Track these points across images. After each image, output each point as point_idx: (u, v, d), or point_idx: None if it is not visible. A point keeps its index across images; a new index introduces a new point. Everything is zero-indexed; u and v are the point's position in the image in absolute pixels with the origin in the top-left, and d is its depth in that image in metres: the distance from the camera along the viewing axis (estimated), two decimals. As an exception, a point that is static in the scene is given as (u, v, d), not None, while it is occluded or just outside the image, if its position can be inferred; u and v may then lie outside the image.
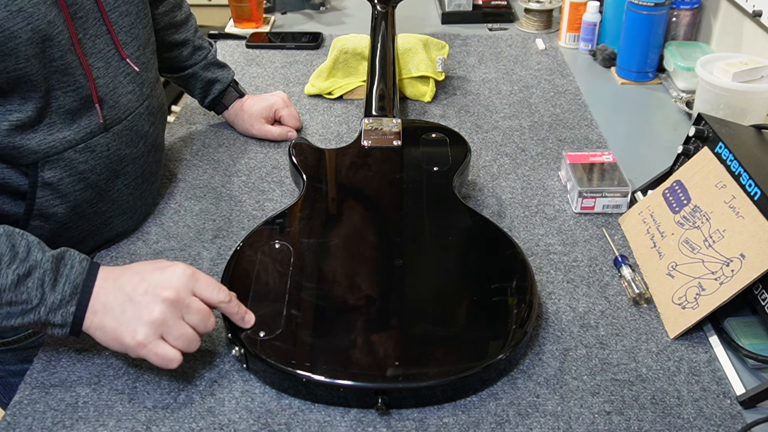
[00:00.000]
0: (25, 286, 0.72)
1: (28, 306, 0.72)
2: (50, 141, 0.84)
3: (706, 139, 0.96)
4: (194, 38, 1.18)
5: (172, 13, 1.14)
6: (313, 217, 0.94)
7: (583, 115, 1.31)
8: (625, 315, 0.87)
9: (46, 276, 0.73)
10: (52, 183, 0.86)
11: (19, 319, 0.72)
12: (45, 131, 0.83)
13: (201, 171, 1.15)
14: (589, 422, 0.73)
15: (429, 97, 1.36)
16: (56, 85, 0.83)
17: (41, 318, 0.73)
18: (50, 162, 0.85)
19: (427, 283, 0.85)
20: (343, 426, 0.73)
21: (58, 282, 0.73)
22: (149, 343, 0.72)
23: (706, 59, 1.18)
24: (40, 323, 0.73)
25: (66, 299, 0.73)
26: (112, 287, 0.75)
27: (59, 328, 0.74)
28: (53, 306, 0.73)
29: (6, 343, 0.96)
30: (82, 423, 0.74)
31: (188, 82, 1.21)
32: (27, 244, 0.74)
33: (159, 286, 0.74)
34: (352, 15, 1.80)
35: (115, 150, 0.91)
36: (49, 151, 0.84)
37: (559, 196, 1.08)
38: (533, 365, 0.80)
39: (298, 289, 0.83)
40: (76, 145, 0.86)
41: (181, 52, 1.17)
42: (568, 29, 1.59)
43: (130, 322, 0.73)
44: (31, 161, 0.83)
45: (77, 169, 0.88)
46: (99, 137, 0.89)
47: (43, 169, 0.84)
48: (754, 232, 0.81)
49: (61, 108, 0.84)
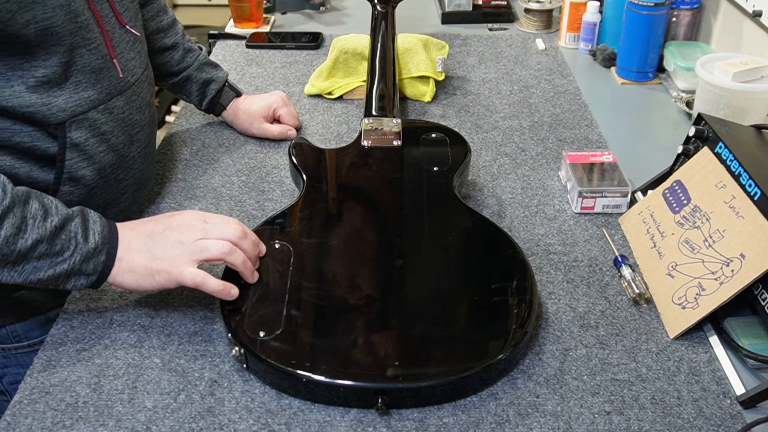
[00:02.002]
0: (59, 238, 0.77)
1: (61, 257, 0.77)
2: (76, 99, 0.87)
3: (706, 139, 0.96)
4: (183, 41, 1.19)
5: (158, 18, 1.14)
6: (313, 217, 0.94)
7: (583, 115, 1.31)
8: (625, 315, 0.87)
9: (79, 228, 0.78)
10: (79, 144, 0.89)
11: (48, 271, 0.77)
12: (71, 89, 0.86)
13: (201, 171, 1.15)
14: (589, 422, 0.73)
15: (429, 97, 1.36)
16: (81, 42, 0.86)
17: (74, 267, 0.78)
18: (77, 122, 0.87)
19: (427, 283, 0.85)
20: (343, 426, 0.73)
21: (88, 233, 0.79)
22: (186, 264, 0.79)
23: (706, 59, 1.18)
24: (68, 273, 0.78)
25: (99, 248, 0.79)
26: (132, 235, 0.82)
27: (86, 278, 0.79)
28: (87, 255, 0.78)
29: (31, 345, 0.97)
30: (82, 423, 0.74)
31: (184, 86, 1.21)
32: (54, 202, 0.79)
33: (175, 221, 0.82)
34: (352, 15, 1.80)
35: (129, 114, 0.95)
36: (76, 109, 0.87)
37: (559, 196, 1.08)
38: (533, 365, 0.80)
39: (298, 289, 0.83)
40: (98, 105, 0.90)
41: (172, 56, 1.17)
42: (568, 29, 1.59)
43: (161, 255, 0.80)
44: (59, 120, 0.86)
45: (100, 130, 0.91)
46: (116, 99, 0.92)
47: (70, 129, 0.87)
48: (754, 232, 0.81)
49: (86, 67, 0.87)
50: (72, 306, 0.88)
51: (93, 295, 0.90)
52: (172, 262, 0.80)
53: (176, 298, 0.89)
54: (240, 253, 0.82)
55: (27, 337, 0.98)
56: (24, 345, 0.98)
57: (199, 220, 0.83)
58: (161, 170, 1.15)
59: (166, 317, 0.86)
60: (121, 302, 0.89)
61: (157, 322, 0.86)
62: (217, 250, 0.80)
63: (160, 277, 0.80)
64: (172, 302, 0.88)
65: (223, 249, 0.81)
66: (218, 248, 0.80)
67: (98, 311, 0.87)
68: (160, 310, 0.87)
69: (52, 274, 0.77)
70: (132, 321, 0.86)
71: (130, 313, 0.87)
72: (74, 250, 0.78)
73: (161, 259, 0.80)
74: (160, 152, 1.20)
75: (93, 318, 0.86)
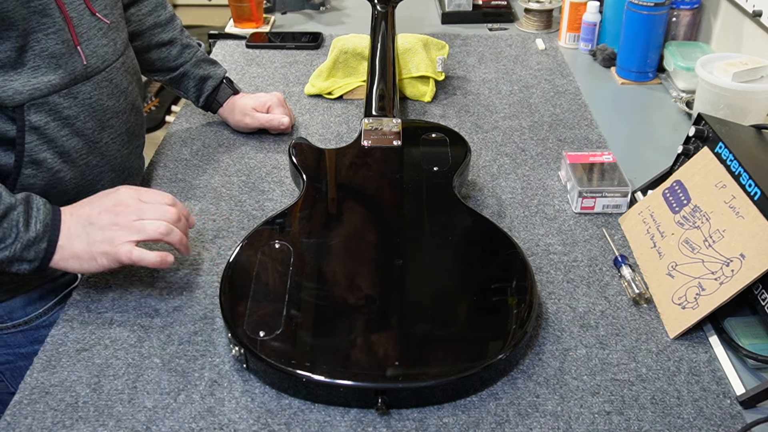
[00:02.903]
0: (2, 227, 0.79)
1: (2, 244, 0.80)
2: (35, 83, 0.88)
3: (706, 139, 0.96)
4: (181, 37, 1.19)
5: (156, 13, 1.15)
6: (313, 217, 0.94)
7: (583, 115, 1.31)
8: (625, 315, 0.87)
9: (20, 216, 0.81)
10: (38, 127, 0.90)
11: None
12: (29, 74, 0.87)
13: (201, 171, 1.15)
14: (589, 422, 0.73)
15: (429, 97, 1.36)
16: (36, 27, 0.87)
17: (14, 254, 0.80)
18: (36, 105, 0.89)
19: (427, 283, 0.85)
20: (343, 426, 0.73)
21: (30, 222, 0.81)
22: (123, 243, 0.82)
23: (706, 59, 1.18)
24: (9, 260, 0.81)
25: (39, 236, 0.81)
26: (71, 221, 0.84)
27: (28, 264, 0.82)
28: (27, 243, 0.81)
29: (15, 325, 0.97)
30: (82, 423, 0.74)
31: (181, 82, 1.21)
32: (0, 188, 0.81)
33: (110, 201, 0.84)
34: (352, 15, 1.80)
35: (97, 100, 0.96)
36: (34, 93, 0.88)
37: (559, 196, 1.08)
38: (533, 365, 0.80)
39: (298, 289, 0.83)
40: (60, 90, 0.91)
41: (169, 51, 1.18)
42: (568, 29, 1.59)
43: (99, 239, 0.82)
44: (16, 103, 0.87)
45: (62, 114, 0.92)
46: (81, 84, 0.93)
47: (29, 112, 0.88)
48: (754, 232, 0.81)
49: (44, 51, 0.88)
50: (72, 306, 0.88)
51: (93, 295, 0.90)
52: (111, 243, 0.82)
53: (176, 298, 0.89)
54: (176, 232, 0.85)
55: (10, 318, 0.99)
56: (8, 325, 0.99)
57: (134, 199, 0.85)
58: (161, 170, 1.15)
59: (166, 317, 0.86)
60: (121, 302, 0.89)
61: (157, 322, 0.86)
62: (155, 231, 0.83)
63: (102, 259, 0.83)
64: (172, 302, 0.89)
65: (159, 230, 0.83)
66: (155, 229, 0.83)
67: (98, 311, 0.87)
68: (160, 310, 0.87)
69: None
70: (132, 321, 0.86)
71: (130, 313, 0.87)
72: (15, 238, 0.80)
73: (100, 242, 0.82)
74: (160, 152, 1.20)
75: (93, 318, 0.86)
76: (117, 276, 0.93)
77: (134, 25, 1.12)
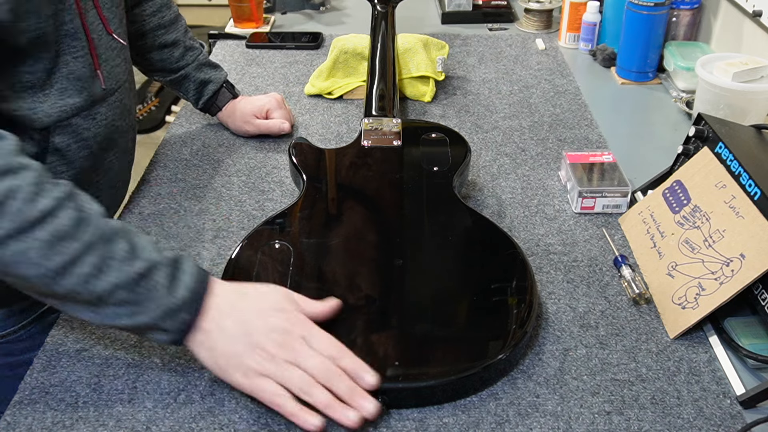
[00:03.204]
0: (143, 287, 0.69)
1: (140, 308, 0.69)
2: (61, 105, 0.87)
3: (706, 139, 0.96)
4: (185, 39, 1.19)
5: (160, 13, 1.14)
6: (313, 217, 0.94)
7: (583, 115, 1.31)
8: (625, 315, 0.87)
9: (166, 279, 0.70)
10: (61, 149, 0.90)
11: (126, 320, 0.70)
12: (57, 96, 0.87)
13: (201, 171, 1.15)
14: (589, 422, 0.73)
15: (429, 97, 1.36)
16: (66, 50, 0.86)
17: (150, 322, 0.70)
18: (60, 127, 0.88)
19: (427, 283, 0.85)
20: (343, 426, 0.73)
21: (175, 286, 0.71)
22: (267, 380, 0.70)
23: (706, 59, 1.18)
24: (146, 327, 0.71)
25: (181, 306, 0.70)
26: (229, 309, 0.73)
27: (164, 334, 0.71)
28: (168, 311, 0.70)
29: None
30: (82, 423, 0.74)
31: (181, 84, 1.21)
32: (146, 242, 0.72)
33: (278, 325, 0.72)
34: (352, 15, 1.80)
35: (111, 120, 0.96)
36: (61, 115, 0.88)
37: (559, 196, 1.08)
38: (533, 365, 0.80)
39: (298, 289, 0.82)
40: (82, 112, 0.90)
41: (172, 53, 1.17)
42: (568, 29, 1.59)
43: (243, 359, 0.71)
44: (44, 125, 0.86)
45: (82, 136, 0.91)
46: (99, 106, 0.93)
47: (54, 134, 0.88)
48: (754, 232, 0.81)
49: (71, 74, 0.88)
50: (72, 306, 0.88)
51: (93, 295, 0.90)
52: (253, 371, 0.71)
53: (176, 298, 0.89)
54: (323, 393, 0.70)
55: None
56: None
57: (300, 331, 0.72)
58: (161, 170, 1.15)
59: (166, 317, 0.86)
60: (121, 302, 0.89)
61: (157, 322, 0.86)
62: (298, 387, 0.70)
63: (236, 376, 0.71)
64: (172, 302, 0.88)
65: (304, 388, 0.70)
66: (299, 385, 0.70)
67: (98, 311, 0.87)
68: (160, 310, 0.87)
69: (128, 323, 0.70)
70: (132, 321, 0.86)
71: (130, 313, 0.87)
72: (156, 302, 0.69)
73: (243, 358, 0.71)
74: (160, 152, 1.20)
75: (93, 318, 0.86)
76: (117, 276, 0.93)
77: (138, 25, 1.12)
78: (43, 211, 0.66)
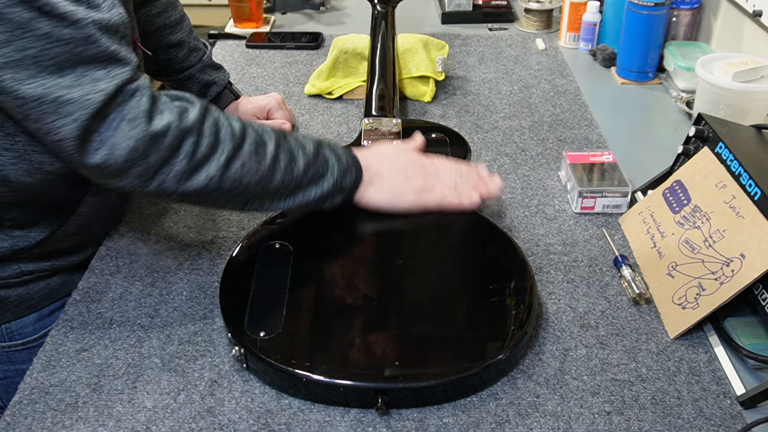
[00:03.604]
0: (322, 156, 0.85)
1: (324, 178, 0.85)
2: None
3: (706, 139, 0.96)
4: (189, 39, 1.18)
5: (166, 14, 1.14)
6: (313, 217, 0.94)
7: (583, 115, 1.31)
8: (625, 315, 0.87)
9: (329, 150, 0.87)
10: None
11: (318, 191, 0.85)
12: None
13: (201, 171, 1.15)
14: (589, 422, 0.73)
15: (429, 97, 1.36)
16: None
17: (333, 185, 0.86)
18: None
19: (427, 284, 0.85)
20: (343, 426, 0.73)
21: (335, 151, 0.87)
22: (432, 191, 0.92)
23: (706, 59, 1.18)
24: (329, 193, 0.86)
25: (349, 164, 0.88)
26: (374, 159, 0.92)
27: (341, 194, 0.88)
28: (344, 169, 0.86)
29: (24, 343, 0.97)
30: (82, 423, 0.74)
31: (184, 85, 1.20)
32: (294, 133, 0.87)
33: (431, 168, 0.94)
34: (352, 15, 1.80)
35: None
36: None
37: (559, 196, 1.08)
38: (533, 365, 0.80)
39: (297, 288, 0.83)
40: None
41: (176, 53, 1.17)
42: (568, 29, 1.59)
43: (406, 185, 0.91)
44: None
45: None
46: None
47: None
48: (754, 232, 0.81)
49: None
50: (72, 306, 0.88)
51: (93, 295, 0.90)
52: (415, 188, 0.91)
53: (176, 298, 0.89)
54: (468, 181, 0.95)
55: (20, 335, 0.98)
56: (18, 343, 0.98)
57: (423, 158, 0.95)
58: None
59: (166, 317, 0.86)
60: (121, 302, 0.89)
61: (157, 322, 0.86)
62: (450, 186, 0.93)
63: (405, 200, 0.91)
64: (172, 302, 0.88)
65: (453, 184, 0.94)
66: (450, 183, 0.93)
67: (98, 311, 0.87)
68: (160, 310, 0.87)
69: (318, 194, 0.85)
70: (132, 321, 0.86)
71: (130, 313, 0.87)
72: (335, 163, 0.86)
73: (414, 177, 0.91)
74: (160, 152, 1.20)
75: (93, 318, 0.86)
76: (117, 276, 0.93)
77: (143, 25, 1.11)
78: (240, 129, 0.80)
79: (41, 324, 0.97)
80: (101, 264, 0.95)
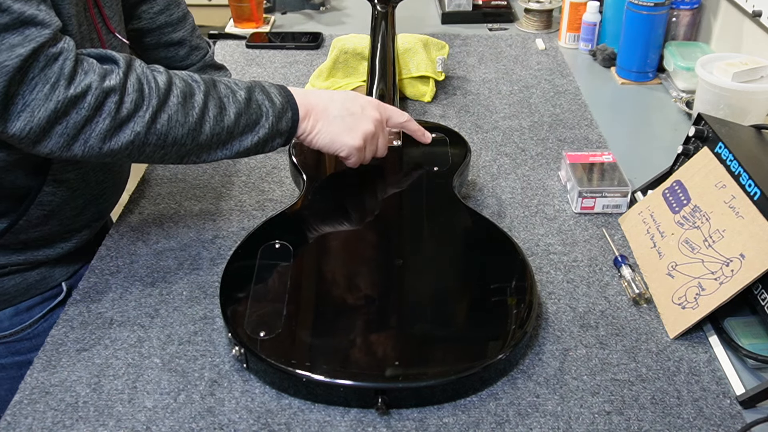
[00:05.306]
0: (254, 101, 0.84)
1: (258, 124, 0.84)
2: None
3: (706, 139, 0.96)
4: (191, 38, 1.18)
5: (168, 11, 1.13)
6: (313, 216, 0.94)
7: (583, 115, 1.31)
8: (625, 315, 0.87)
9: (262, 94, 0.86)
10: None
11: (254, 138, 0.84)
12: None
13: (201, 171, 1.15)
14: (589, 422, 0.73)
15: (429, 97, 1.36)
16: None
17: (269, 131, 0.85)
18: None
19: (427, 283, 0.85)
20: (343, 426, 0.73)
21: (269, 95, 0.86)
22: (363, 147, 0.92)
23: (706, 59, 1.18)
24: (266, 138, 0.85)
25: (284, 106, 0.86)
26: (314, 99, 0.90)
27: (281, 137, 0.87)
28: (279, 113, 0.86)
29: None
30: (82, 423, 0.74)
31: None
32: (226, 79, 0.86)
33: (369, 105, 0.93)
34: (352, 15, 1.80)
35: None
36: None
37: (559, 196, 1.08)
38: (533, 365, 0.80)
39: (298, 288, 0.83)
40: None
41: (177, 51, 1.16)
42: (568, 29, 1.59)
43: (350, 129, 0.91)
44: None
45: None
46: None
47: None
48: (754, 232, 0.81)
49: None
50: (72, 306, 0.88)
51: (93, 295, 0.90)
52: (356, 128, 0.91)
53: (176, 298, 0.89)
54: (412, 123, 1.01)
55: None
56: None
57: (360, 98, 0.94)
58: (161, 170, 1.15)
59: (166, 317, 0.86)
60: (121, 302, 0.89)
61: (157, 322, 0.86)
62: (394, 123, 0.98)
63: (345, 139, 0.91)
64: (172, 302, 0.89)
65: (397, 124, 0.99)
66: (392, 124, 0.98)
67: (98, 311, 0.87)
68: (160, 310, 0.87)
69: (253, 141, 0.85)
70: (132, 321, 0.86)
71: (130, 313, 0.87)
72: (268, 110, 0.85)
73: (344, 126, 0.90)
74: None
75: (93, 318, 0.87)
76: (117, 276, 0.93)
77: (145, 22, 1.11)
78: (166, 82, 0.79)
79: (18, 319, 0.97)
80: (101, 264, 0.95)
